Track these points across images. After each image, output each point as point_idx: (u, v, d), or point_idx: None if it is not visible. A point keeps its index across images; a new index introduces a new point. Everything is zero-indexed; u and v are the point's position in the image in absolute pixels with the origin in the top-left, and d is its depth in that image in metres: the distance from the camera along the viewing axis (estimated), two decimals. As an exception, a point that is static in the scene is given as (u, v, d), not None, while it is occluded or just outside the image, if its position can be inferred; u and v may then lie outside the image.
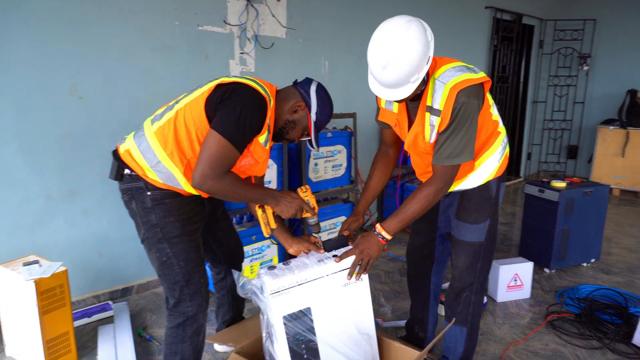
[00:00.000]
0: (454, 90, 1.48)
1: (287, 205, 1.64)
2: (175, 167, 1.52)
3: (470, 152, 1.56)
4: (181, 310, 1.63)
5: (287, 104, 1.62)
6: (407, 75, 1.41)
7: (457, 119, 1.51)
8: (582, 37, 5.90)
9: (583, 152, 6.22)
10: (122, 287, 2.78)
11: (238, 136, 1.45)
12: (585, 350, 2.26)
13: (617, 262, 3.40)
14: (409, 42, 1.37)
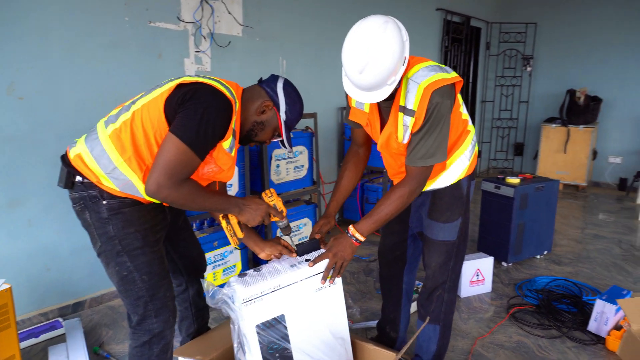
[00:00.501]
0: (428, 90, 1.46)
1: (252, 213, 1.55)
2: (134, 174, 1.39)
3: (443, 152, 1.56)
4: (146, 327, 1.51)
5: (254, 105, 1.52)
6: (384, 78, 1.38)
7: (431, 120, 1.50)
8: (524, 39, 6.20)
9: (528, 149, 6.53)
10: (73, 302, 2.57)
11: (199, 142, 1.33)
12: (547, 339, 2.34)
13: (566, 253, 3.58)
14: (386, 45, 1.35)
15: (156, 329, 1.52)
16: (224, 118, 1.38)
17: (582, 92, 5.50)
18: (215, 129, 1.36)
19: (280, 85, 1.55)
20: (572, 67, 6.06)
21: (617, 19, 5.61)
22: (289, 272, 1.61)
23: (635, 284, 3.00)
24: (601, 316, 2.33)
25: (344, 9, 4.02)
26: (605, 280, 3.05)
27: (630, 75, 5.59)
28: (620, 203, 5.16)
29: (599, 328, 2.34)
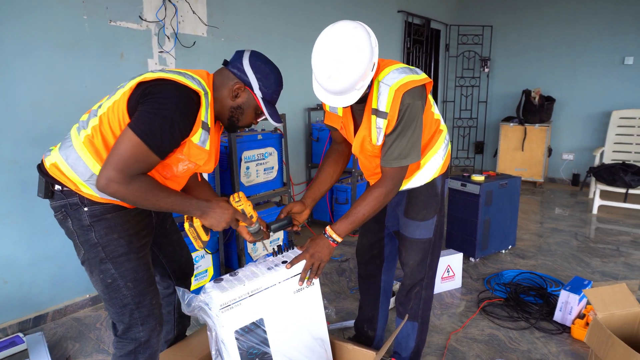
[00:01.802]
0: (399, 92, 1.48)
1: (217, 217, 1.45)
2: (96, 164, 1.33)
3: (417, 152, 1.58)
4: (132, 336, 1.45)
5: (225, 90, 1.45)
6: (353, 83, 1.40)
7: (403, 121, 1.51)
8: (482, 41, 6.41)
9: (488, 147, 6.75)
10: (34, 315, 2.43)
11: (154, 137, 1.26)
12: (516, 331, 2.41)
13: (529, 247, 3.71)
14: (355, 52, 1.36)
15: (142, 337, 1.46)
16: (185, 113, 1.30)
17: (536, 92, 5.74)
18: (174, 124, 1.28)
19: (246, 62, 1.45)
20: (526, 68, 6.32)
21: (566, 23, 5.90)
22: (266, 275, 1.58)
23: (594, 274, 3.15)
24: (565, 306, 2.43)
25: (309, 10, 4.01)
26: (566, 272, 3.19)
27: (579, 76, 5.89)
28: (575, 198, 5.42)
29: (564, 317, 2.44)
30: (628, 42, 5.50)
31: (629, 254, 3.55)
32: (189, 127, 1.33)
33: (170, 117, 1.27)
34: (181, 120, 1.29)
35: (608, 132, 5.48)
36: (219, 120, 1.51)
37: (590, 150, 5.85)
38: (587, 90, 5.86)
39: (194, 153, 1.39)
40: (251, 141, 2.95)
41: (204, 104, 1.36)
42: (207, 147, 1.40)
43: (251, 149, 2.95)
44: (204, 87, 1.38)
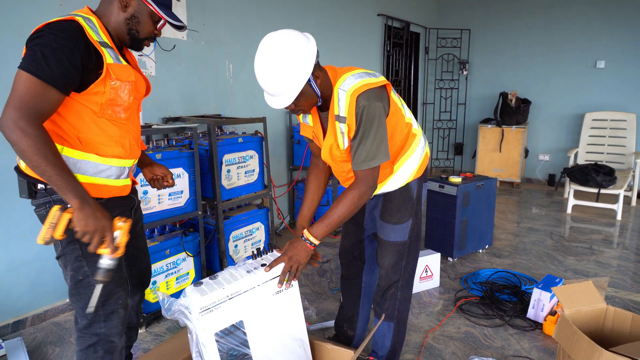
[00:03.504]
0: (353, 96, 1.55)
1: (92, 216, 1.27)
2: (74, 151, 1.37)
3: (384, 152, 1.62)
4: (93, 331, 1.48)
5: (113, 6, 1.40)
6: (284, 86, 1.49)
7: (362, 123, 1.57)
8: (460, 44, 6.53)
9: (467, 148, 6.88)
10: (12, 320, 2.41)
11: (41, 68, 1.21)
12: (491, 328, 2.49)
13: (505, 247, 3.81)
14: (282, 57, 1.46)
15: (103, 333, 1.48)
16: (64, 37, 1.25)
17: (513, 94, 5.88)
18: (57, 50, 1.23)
19: None
20: (503, 71, 6.47)
21: (541, 28, 6.06)
22: (245, 278, 1.61)
23: (566, 272, 3.26)
24: (538, 303, 2.52)
25: (288, 13, 4.05)
26: (541, 270, 3.29)
27: (554, 79, 6.06)
28: (550, 197, 5.57)
29: (537, 314, 2.52)
30: (600, 47, 5.69)
31: (601, 252, 3.67)
32: (77, 49, 1.27)
33: (49, 45, 1.23)
34: (64, 45, 1.25)
35: (582, 133, 5.65)
36: (120, 40, 1.46)
37: (565, 151, 6.02)
38: (562, 92, 6.03)
39: (119, 72, 1.37)
40: (232, 144, 2.96)
41: (87, 26, 1.32)
42: (122, 61, 1.40)
43: (232, 152, 2.97)
44: (81, 15, 1.35)
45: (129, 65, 1.43)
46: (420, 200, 1.93)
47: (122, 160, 1.49)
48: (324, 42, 4.56)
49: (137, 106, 1.57)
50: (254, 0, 3.68)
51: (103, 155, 1.43)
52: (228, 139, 2.94)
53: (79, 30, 1.30)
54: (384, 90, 1.66)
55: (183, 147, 2.64)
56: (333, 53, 4.75)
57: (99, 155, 1.42)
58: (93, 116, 1.38)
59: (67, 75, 1.26)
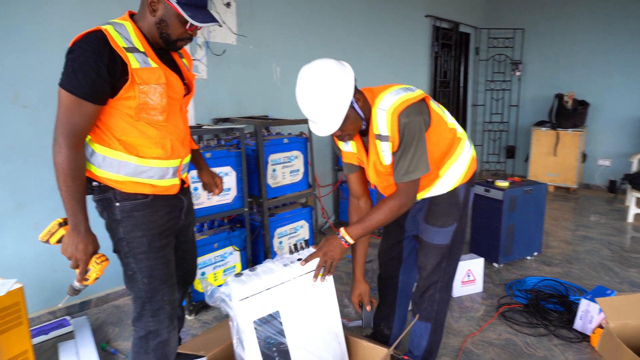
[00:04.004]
0: (394, 115, 1.58)
1: (72, 246, 1.40)
2: (118, 153, 1.44)
3: (425, 166, 1.65)
4: (142, 325, 1.59)
5: (144, 10, 1.45)
6: (328, 111, 1.53)
7: (404, 139, 1.60)
8: (513, 44, 6.32)
9: (520, 151, 6.64)
10: (79, 301, 2.65)
11: (72, 82, 1.30)
12: (534, 337, 2.42)
13: (556, 255, 3.67)
14: (324, 85, 1.52)
15: (151, 327, 1.58)
16: (89, 49, 1.32)
17: (569, 96, 5.62)
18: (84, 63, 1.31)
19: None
20: (560, 72, 6.19)
21: (601, 25, 5.75)
22: (282, 271, 1.69)
23: (622, 284, 3.09)
24: (586, 315, 2.42)
25: (334, 17, 4.12)
26: (593, 281, 3.14)
27: (615, 80, 5.72)
28: (610, 205, 5.27)
29: (584, 326, 2.42)
30: (669, 45, 5.32)
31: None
32: (102, 59, 1.33)
33: (77, 59, 1.31)
34: (89, 57, 1.31)
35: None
36: (156, 43, 1.49)
37: (627, 156, 5.66)
38: (624, 95, 5.69)
39: (145, 76, 1.41)
40: (277, 145, 3.07)
41: (115, 33, 1.37)
42: (152, 65, 1.43)
43: (277, 152, 3.07)
44: (112, 22, 1.42)
45: (158, 68, 1.44)
46: (467, 204, 1.93)
47: (164, 161, 1.52)
48: (369, 46, 4.60)
49: (178, 107, 1.57)
50: (301, 6, 3.79)
51: (143, 157, 1.47)
52: (274, 139, 3.05)
53: (103, 39, 1.34)
54: (423, 103, 1.68)
55: (231, 147, 2.77)
56: (379, 55, 4.77)
57: (139, 157, 1.47)
58: (131, 120, 1.43)
59: (95, 87, 1.33)
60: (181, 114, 1.61)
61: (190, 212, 1.78)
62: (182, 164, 1.62)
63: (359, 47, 4.47)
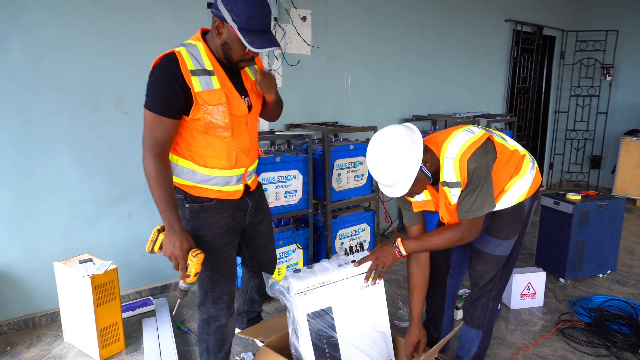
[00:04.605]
0: (463, 162, 1.64)
1: (169, 243, 1.55)
2: (187, 162, 1.65)
3: (490, 203, 1.70)
4: (204, 310, 1.82)
5: (213, 32, 1.58)
6: (399, 178, 1.61)
7: (472, 181, 1.67)
8: (604, 47, 5.92)
9: (607, 162, 6.21)
10: (161, 284, 3.03)
11: (152, 102, 1.48)
12: (593, 357, 2.36)
13: (633, 274, 3.46)
14: (395, 156, 1.60)
15: (212, 313, 1.81)
16: (166, 71, 1.49)
17: (667, 104, 5.17)
18: (161, 84, 1.48)
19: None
20: (658, 77, 5.71)
21: None
22: (336, 271, 1.86)
23: None
24: (654, 339, 2.31)
25: (407, 23, 4.19)
26: (672, 304, 2.95)
27: None
28: None
29: (652, 350, 2.32)
30: None
31: None
32: (176, 80, 1.49)
33: (156, 81, 1.50)
34: (166, 78, 1.49)
35: None
36: (224, 62, 1.63)
37: None
38: None
39: (207, 97, 1.55)
40: (343, 150, 3.24)
41: (186, 56, 1.53)
42: (215, 86, 1.57)
43: (343, 158, 3.25)
44: (185, 43, 1.59)
45: (219, 90, 1.57)
46: (530, 217, 1.97)
47: (227, 171, 1.68)
48: (442, 52, 4.61)
49: (243, 122, 1.69)
50: (375, 15, 3.92)
51: (210, 167, 1.65)
52: (340, 145, 3.22)
53: (176, 61, 1.51)
54: (489, 142, 1.73)
55: (300, 151, 2.99)
56: (453, 62, 4.76)
57: (206, 167, 1.65)
58: (202, 133, 1.60)
59: (172, 104, 1.51)
60: (247, 127, 1.73)
61: (261, 211, 1.97)
62: (247, 171, 1.79)
63: (432, 54, 4.50)
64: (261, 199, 1.98)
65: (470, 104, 5.10)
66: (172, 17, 2.83)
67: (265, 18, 1.54)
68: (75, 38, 2.51)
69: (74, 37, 2.50)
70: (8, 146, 2.39)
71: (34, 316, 2.58)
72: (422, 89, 4.51)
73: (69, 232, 2.63)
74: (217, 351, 1.87)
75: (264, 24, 1.54)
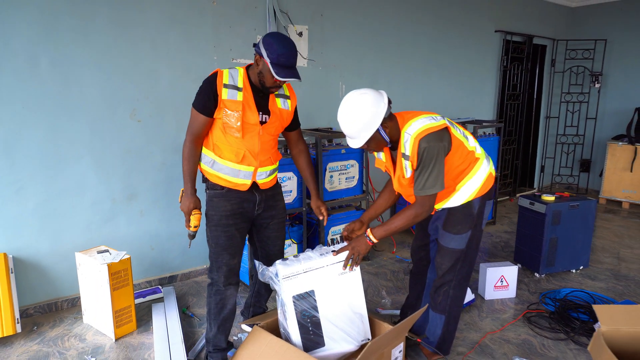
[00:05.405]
0: (416, 139, 1.97)
1: (183, 203, 2.16)
2: (210, 152, 2.13)
3: (440, 184, 2.01)
4: (210, 276, 2.23)
5: (254, 64, 2.07)
6: (356, 131, 1.99)
7: (422, 160, 1.98)
8: (593, 56, 6.17)
9: (596, 165, 6.46)
10: (169, 275, 3.36)
11: (195, 102, 2.06)
12: (552, 340, 2.64)
13: (604, 270, 3.72)
14: (354, 112, 1.97)
15: (214, 278, 2.20)
16: (207, 83, 2.04)
17: (651, 110, 5.42)
18: (202, 91, 2.04)
19: (260, 40, 2.01)
20: (645, 84, 5.95)
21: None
22: (318, 259, 2.16)
23: (666, 303, 3.13)
24: (607, 324, 2.58)
25: (401, 34, 4.50)
26: (635, 297, 3.21)
27: None
28: (688, 226, 5.02)
29: (605, 335, 2.59)
30: None
31: None
32: (211, 89, 2.02)
33: (201, 87, 2.06)
34: (206, 86, 2.04)
35: None
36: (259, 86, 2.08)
37: None
38: None
39: (229, 105, 2.03)
40: (335, 154, 3.55)
41: (225, 74, 2.04)
42: (238, 98, 2.04)
43: (335, 161, 3.55)
44: (232, 68, 2.09)
45: (238, 102, 2.03)
46: (482, 215, 2.26)
47: (235, 164, 2.10)
48: (435, 60, 4.90)
49: (255, 131, 2.10)
50: (367, 28, 4.23)
51: (223, 158, 2.10)
52: (332, 149, 3.53)
53: (215, 76, 2.05)
54: (445, 131, 2.05)
55: (295, 155, 3.30)
56: (445, 70, 5.04)
57: (221, 158, 2.10)
58: (222, 131, 2.07)
59: (205, 104, 2.04)
60: (259, 136, 2.12)
61: (273, 208, 2.33)
62: (258, 171, 2.17)
63: (425, 62, 4.80)
64: (276, 198, 2.36)
65: (462, 111, 5.38)
66: (184, 37, 3.16)
67: (290, 57, 1.98)
68: (97, 55, 2.85)
69: (95, 55, 2.84)
70: (38, 151, 2.74)
71: (57, 301, 2.92)
72: (415, 97, 4.81)
73: (89, 226, 2.97)
74: (216, 314, 2.22)
75: (290, 61, 1.98)
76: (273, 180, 2.31)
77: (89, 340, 2.59)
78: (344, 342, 2.19)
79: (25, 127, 2.68)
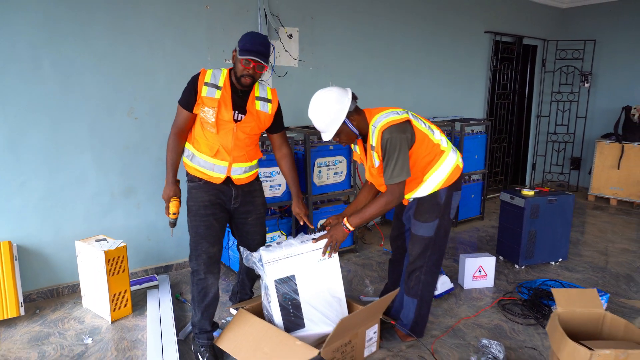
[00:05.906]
0: (380, 131, 2.16)
1: (164, 191, 2.31)
2: (191, 146, 2.32)
3: (406, 171, 2.18)
4: (191, 265, 2.34)
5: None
6: (325, 125, 2.20)
7: (387, 151, 2.16)
8: (582, 56, 6.31)
9: (586, 163, 6.59)
10: (164, 264, 3.55)
11: (181, 97, 2.25)
12: (522, 325, 2.80)
13: (584, 263, 3.87)
14: (321, 108, 2.18)
15: (194, 267, 2.32)
16: (190, 81, 2.22)
17: (637, 109, 5.55)
18: (186, 88, 2.23)
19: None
20: (633, 84, 6.08)
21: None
22: (299, 246, 2.34)
23: (637, 294, 3.28)
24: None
25: (391, 35, 4.66)
26: (609, 288, 3.35)
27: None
28: (673, 222, 5.15)
29: (572, 320, 2.75)
30: None
31: (691, 280, 3.52)
32: (193, 87, 2.19)
33: (186, 85, 2.24)
34: (189, 84, 2.22)
35: None
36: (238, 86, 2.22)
37: (699, 173, 5.46)
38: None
39: (206, 100, 2.19)
40: (323, 150, 3.72)
41: (209, 74, 2.21)
42: (215, 96, 2.18)
43: (323, 157, 3.72)
44: (216, 69, 2.26)
45: (215, 99, 2.18)
46: (449, 205, 2.42)
47: (209, 158, 2.25)
48: (425, 60, 5.06)
49: (229, 128, 2.22)
50: (357, 28, 4.39)
51: (200, 152, 2.26)
52: (321, 146, 3.70)
53: (198, 75, 2.22)
54: (407, 124, 2.23)
55: (284, 151, 3.47)
56: (435, 70, 5.20)
57: (199, 151, 2.27)
58: (202, 126, 2.24)
59: (187, 100, 2.23)
60: (233, 133, 2.24)
61: (250, 204, 2.45)
62: (232, 166, 2.30)
63: (415, 62, 4.97)
64: (253, 195, 2.47)
65: (452, 109, 5.53)
66: (179, 40, 3.34)
67: (256, 44, 2.12)
68: (96, 58, 3.03)
69: (95, 57, 3.03)
70: (41, 147, 2.93)
71: (58, 287, 3.12)
72: (406, 96, 4.97)
73: (89, 218, 3.16)
74: (199, 301, 2.35)
75: (255, 47, 2.11)
76: (250, 177, 2.42)
77: (87, 322, 2.78)
78: (323, 324, 2.36)
79: (29, 125, 2.87)
